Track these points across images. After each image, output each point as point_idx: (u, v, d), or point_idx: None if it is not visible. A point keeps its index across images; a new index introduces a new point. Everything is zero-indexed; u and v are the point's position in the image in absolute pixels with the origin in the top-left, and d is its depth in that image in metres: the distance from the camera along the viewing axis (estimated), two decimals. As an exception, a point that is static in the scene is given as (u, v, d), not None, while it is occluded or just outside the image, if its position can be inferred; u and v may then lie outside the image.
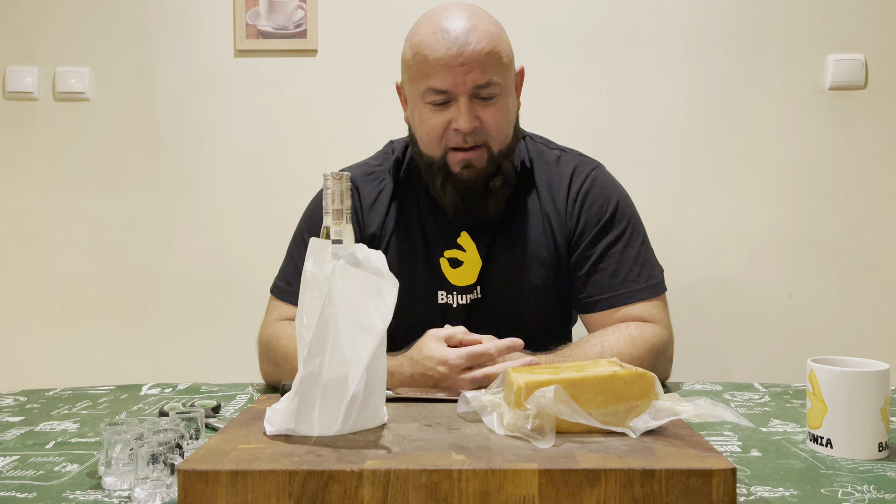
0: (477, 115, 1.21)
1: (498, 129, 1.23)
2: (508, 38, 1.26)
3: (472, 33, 1.19)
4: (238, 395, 1.19)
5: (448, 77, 1.19)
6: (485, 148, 1.23)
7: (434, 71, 1.19)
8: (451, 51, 1.18)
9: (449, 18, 1.20)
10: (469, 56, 1.18)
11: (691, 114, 1.94)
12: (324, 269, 0.80)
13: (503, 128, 1.24)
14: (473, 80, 1.19)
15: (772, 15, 1.92)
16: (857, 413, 0.86)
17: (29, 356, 1.99)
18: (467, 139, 1.21)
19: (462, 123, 1.20)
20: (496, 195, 1.26)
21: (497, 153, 1.24)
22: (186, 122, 1.98)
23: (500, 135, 1.24)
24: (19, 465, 0.87)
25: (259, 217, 1.97)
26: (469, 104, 1.20)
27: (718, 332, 1.95)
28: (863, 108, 1.92)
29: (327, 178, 0.85)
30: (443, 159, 1.24)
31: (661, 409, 0.80)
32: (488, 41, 1.19)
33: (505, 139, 1.25)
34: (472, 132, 1.21)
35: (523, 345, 1.10)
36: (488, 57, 1.19)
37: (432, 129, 1.23)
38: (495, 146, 1.24)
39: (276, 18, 1.95)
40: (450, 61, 1.18)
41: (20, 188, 1.99)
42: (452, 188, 1.25)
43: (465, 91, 1.19)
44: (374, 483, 0.69)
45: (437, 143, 1.24)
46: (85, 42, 1.97)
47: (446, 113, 1.21)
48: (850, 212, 1.93)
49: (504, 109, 1.23)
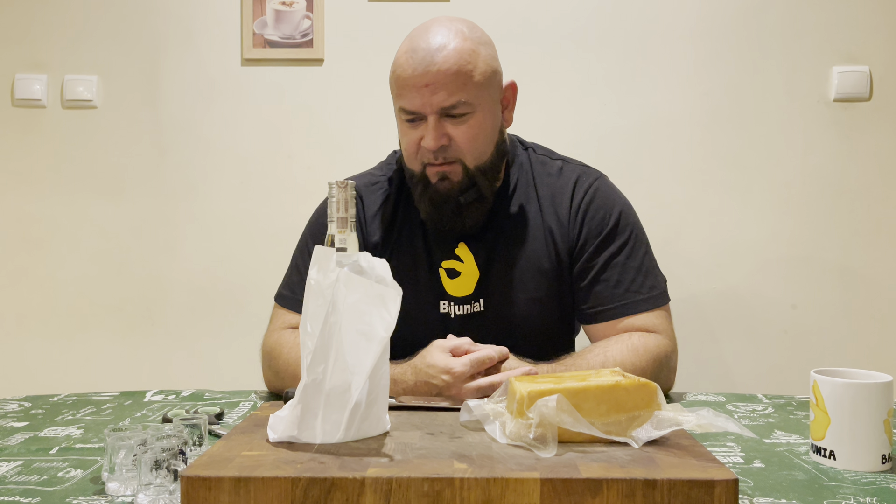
0: (447, 133, 1.21)
1: (470, 146, 1.23)
2: (493, 53, 1.24)
3: (439, 53, 1.18)
4: (241, 403, 1.20)
5: (416, 97, 1.19)
6: (459, 163, 1.23)
7: (404, 91, 1.21)
8: (418, 71, 1.18)
9: (423, 36, 1.21)
10: (434, 76, 1.18)
11: (696, 125, 1.94)
12: (328, 277, 0.81)
13: (477, 145, 1.23)
14: (439, 101, 1.19)
15: (776, 26, 1.92)
16: (860, 425, 0.86)
17: (34, 362, 1.99)
18: (437, 156, 1.22)
19: (428, 142, 1.21)
20: (471, 210, 1.25)
21: (473, 169, 1.24)
22: (193, 130, 1.99)
23: (473, 152, 1.23)
24: (23, 471, 0.87)
25: (264, 225, 1.98)
26: (438, 123, 1.20)
27: (722, 342, 1.95)
28: (867, 119, 1.92)
29: (332, 187, 0.85)
30: (422, 172, 1.25)
31: (664, 419, 0.80)
32: (456, 60, 1.18)
33: (481, 156, 1.24)
34: (440, 150, 1.22)
35: (509, 355, 1.12)
36: (455, 77, 1.18)
37: (408, 145, 1.25)
38: (470, 162, 1.23)
39: (283, 28, 1.96)
40: (416, 81, 1.19)
41: (27, 194, 2.00)
42: (428, 199, 1.25)
43: (432, 111, 1.20)
44: (377, 491, 0.69)
45: (414, 157, 1.25)
46: (93, 50, 1.99)
47: (418, 130, 1.22)
48: (854, 223, 1.92)
49: (477, 127, 1.22)
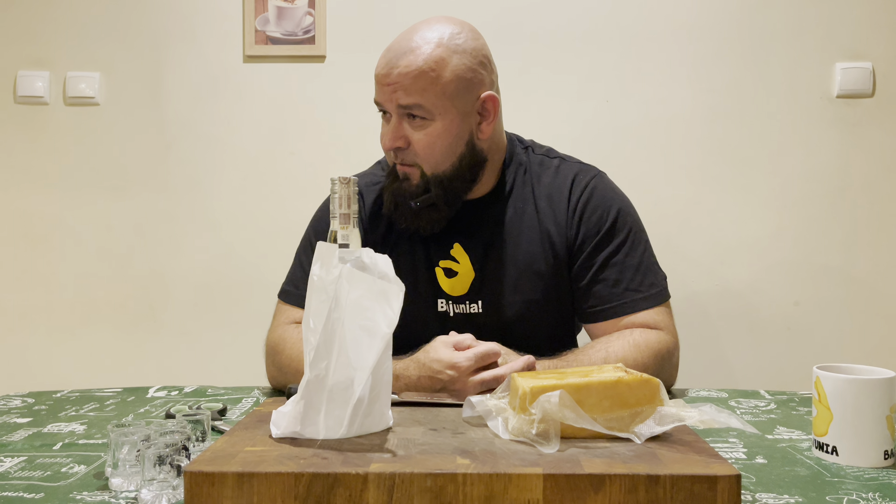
0: (405, 135, 1.22)
1: (426, 153, 1.23)
2: (470, 63, 1.21)
3: (408, 54, 1.19)
4: (244, 398, 1.20)
5: (381, 92, 1.22)
6: (416, 168, 1.24)
7: (376, 85, 1.23)
8: (384, 69, 1.21)
9: (405, 35, 1.23)
10: (395, 77, 1.19)
11: (698, 121, 1.94)
12: (330, 273, 0.81)
13: (433, 153, 1.23)
14: (397, 99, 1.20)
15: (779, 23, 1.92)
16: (862, 421, 0.86)
17: (37, 358, 2.00)
18: (397, 155, 1.24)
19: (384, 140, 1.24)
20: (423, 215, 1.25)
21: (430, 175, 1.24)
22: (195, 126, 1.99)
23: (430, 160, 1.23)
24: (27, 466, 0.87)
25: (266, 221, 1.98)
26: (398, 123, 1.22)
27: (724, 339, 1.95)
28: (870, 116, 1.91)
29: (335, 183, 0.85)
30: (394, 166, 1.27)
31: (667, 414, 0.80)
32: (421, 64, 1.18)
33: (438, 165, 1.24)
34: (397, 150, 1.23)
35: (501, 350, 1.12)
36: (415, 80, 1.18)
37: (381, 137, 1.27)
38: (427, 169, 1.24)
39: (285, 24, 1.96)
40: (382, 78, 1.21)
41: (30, 192, 2.01)
42: (389, 193, 1.28)
43: (393, 108, 1.22)
44: (380, 486, 0.69)
45: (386, 152, 1.27)
46: (95, 47, 1.99)
47: (386, 126, 1.25)
48: (857, 220, 1.92)
49: (434, 135, 1.22)
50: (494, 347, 1.10)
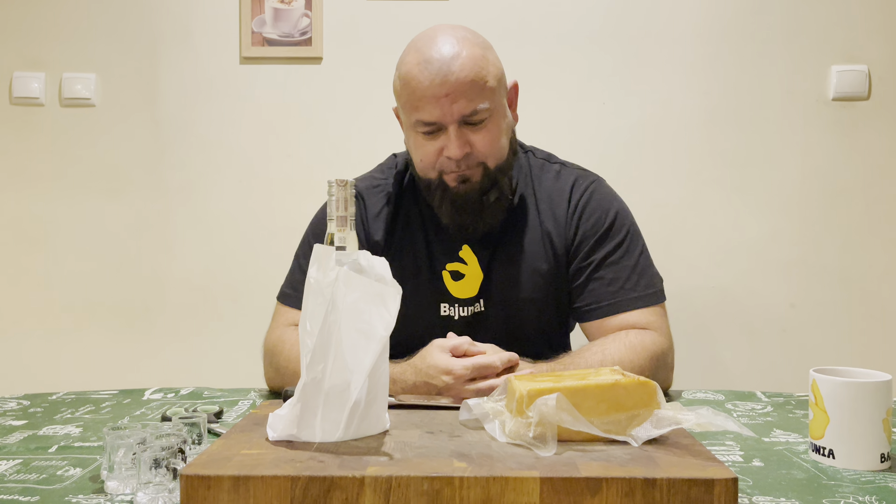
0: (468, 141, 1.21)
1: (490, 150, 1.23)
2: (497, 56, 1.24)
3: (454, 61, 1.17)
4: (240, 401, 1.19)
5: (435, 108, 1.19)
6: (480, 166, 1.23)
7: (421, 104, 1.19)
8: (436, 81, 1.17)
9: (433, 46, 1.19)
10: (453, 86, 1.17)
11: (695, 123, 1.95)
12: (327, 276, 0.81)
13: (496, 148, 1.24)
14: (460, 109, 1.18)
15: (775, 26, 1.92)
16: (859, 424, 0.86)
17: (32, 360, 1.99)
18: (461, 164, 1.22)
19: (453, 151, 1.20)
20: (492, 209, 1.26)
21: (493, 169, 1.24)
22: (191, 128, 1.99)
23: (494, 154, 1.24)
24: (22, 469, 0.87)
25: (263, 223, 1.98)
26: (458, 131, 1.20)
27: (721, 341, 1.95)
28: (866, 118, 1.92)
29: (332, 185, 0.85)
30: (439, 178, 1.25)
31: (663, 417, 0.80)
32: (472, 68, 1.18)
33: (500, 157, 1.25)
34: (464, 158, 1.21)
35: (519, 360, 1.12)
36: (473, 84, 1.18)
37: (426, 156, 1.24)
38: (491, 163, 1.24)
39: (282, 26, 1.96)
40: (435, 92, 1.17)
41: (26, 193, 2.00)
42: (449, 203, 1.25)
43: (453, 120, 1.19)
44: (376, 490, 0.69)
45: (432, 168, 1.24)
46: (91, 48, 1.99)
47: (438, 141, 1.22)
48: (852, 222, 1.93)
49: (495, 130, 1.23)
50: (494, 361, 1.09)
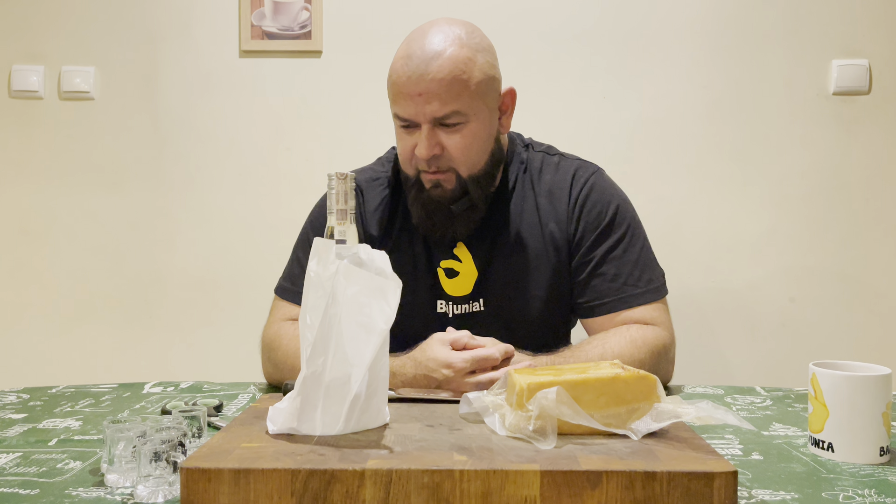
0: (440, 142, 1.19)
1: (464, 156, 1.20)
2: (491, 59, 1.21)
3: (434, 61, 1.15)
4: (240, 394, 1.19)
5: (409, 105, 1.17)
6: (452, 172, 1.21)
7: (398, 98, 1.18)
8: (412, 78, 1.15)
9: (420, 42, 1.17)
10: (428, 85, 1.15)
11: (695, 118, 1.94)
12: (327, 269, 0.80)
13: (470, 155, 1.21)
14: (432, 111, 1.16)
15: (776, 20, 1.92)
16: (858, 417, 0.87)
17: (32, 354, 1.99)
18: (430, 164, 1.20)
19: (420, 151, 1.18)
20: (461, 218, 1.24)
21: (466, 177, 1.22)
22: (191, 122, 1.99)
23: (467, 161, 1.21)
24: (22, 462, 0.87)
25: (262, 217, 1.98)
26: (431, 132, 1.18)
27: (720, 335, 1.95)
28: (866, 113, 1.92)
29: (332, 179, 0.85)
30: (416, 177, 1.24)
31: (663, 411, 0.80)
32: (450, 69, 1.15)
33: (474, 165, 1.22)
34: (433, 159, 1.19)
35: (515, 352, 1.12)
36: (449, 86, 1.15)
37: (403, 151, 1.23)
38: (463, 171, 1.22)
39: (281, 19, 1.95)
40: (409, 89, 1.16)
41: (25, 187, 2.00)
42: (420, 205, 1.24)
43: (426, 120, 1.17)
44: (376, 483, 0.69)
45: (409, 163, 1.24)
46: (90, 42, 1.98)
47: (412, 137, 1.20)
48: (853, 217, 1.93)
49: (470, 136, 1.20)
50: (494, 353, 1.09)
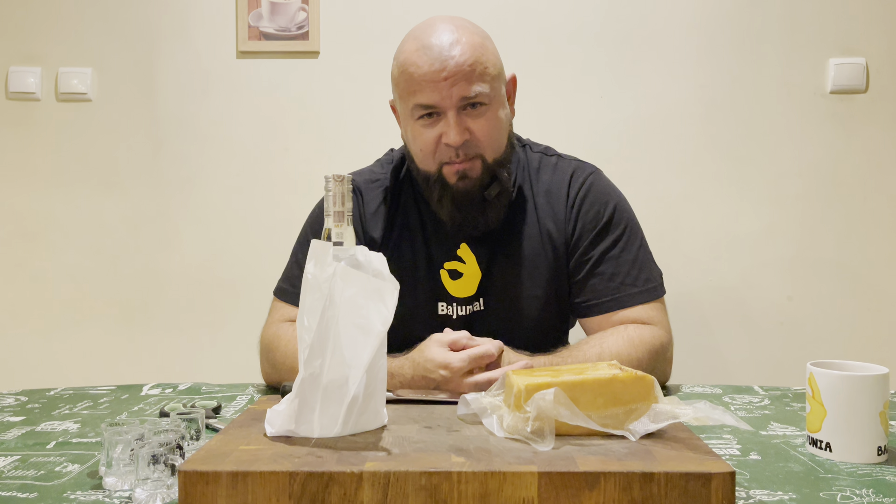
0: (467, 128, 1.20)
1: (489, 139, 1.22)
2: (495, 48, 1.25)
3: (454, 46, 1.18)
4: (238, 396, 1.19)
5: (434, 92, 1.18)
6: (478, 158, 1.22)
7: (420, 87, 1.19)
8: (435, 66, 1.17)
9: (432, 34, 1.20)
10: (453, 69, 1.17)
11: (692, 117, 1.94)
12: (325, 271, 0.80)
13: (495, 138, 1.23)
14: (459, 92, 1.18)
15: (773, 18, 1.92)
16: (856, 417, 0.87)
17: (30, 356, 1.99)
18: (459, 153, 1.21)
19: (452, 137, 1.19)
20: (493, 205, 1.25)
21: (492, 162, 1.23)
22: (188, 123, 1.99)
23: (492, 145, 1.23)
24: (20, 465, 0.87)
25: (260, 218, 1.98)
26: (458, 117, 1.19)
27: (718, 335, 1.96)
28: (863, 111, 1.92)
29: (328, 181, 0.85)
30: (438, 173, 1.24)
31: (661, 412, 0.80)
32: (472, 53, 1.18)
33: (498, 148, 1.24)
34: (463, 145, 1.20)
35: (504, 348, 1.12)
36: (472, 68, 1.18)
37: (425, 145, 1.23)
38: (489, 156, 1.23)
39: (279, 20, 1.95)
40: (434, 76, 1.18)
41: (22, 188, 2.00)
42: (449, 200, 1.24)
43: (453, 104, 1.19)
44: (374, 484, 0.69)
45: (431, 158, 1.23)
46: (87, 43, 1.98)
47: (436, 128, 1.21)
48: (850, 215, 1.93)
49: (494, 119, 1.22)
50: (490, 349, 1.09)
